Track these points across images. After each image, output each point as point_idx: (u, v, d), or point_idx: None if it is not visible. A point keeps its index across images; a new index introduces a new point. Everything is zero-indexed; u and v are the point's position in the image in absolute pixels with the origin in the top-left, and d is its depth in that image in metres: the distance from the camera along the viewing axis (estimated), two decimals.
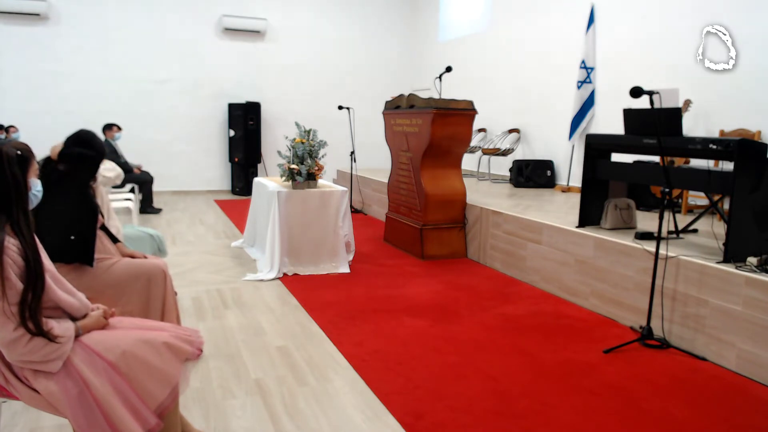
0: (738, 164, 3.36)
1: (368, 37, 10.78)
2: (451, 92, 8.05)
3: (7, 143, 1.76)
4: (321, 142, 5.08)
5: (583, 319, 3.93)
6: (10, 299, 1.65)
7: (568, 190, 6.97)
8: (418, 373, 3.01)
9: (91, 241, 2.73)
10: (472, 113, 5.42)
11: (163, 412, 1.87)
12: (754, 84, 4.99)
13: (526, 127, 8.04)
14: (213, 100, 9.94)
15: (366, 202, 8.28)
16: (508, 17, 8.36)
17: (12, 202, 1.71)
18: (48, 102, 8.93)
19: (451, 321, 3.82)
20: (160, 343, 1.91)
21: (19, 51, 8.80)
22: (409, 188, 5.75)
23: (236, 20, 9.73)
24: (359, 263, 5.28)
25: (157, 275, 2.88)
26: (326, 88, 10.44)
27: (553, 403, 2.71)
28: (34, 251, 1.71)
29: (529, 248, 4.79)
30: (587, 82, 6.73)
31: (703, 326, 3.31)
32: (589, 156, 4.35)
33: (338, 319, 3.81)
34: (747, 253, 3.32)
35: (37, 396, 1.76)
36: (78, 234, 2.67)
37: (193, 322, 3.69)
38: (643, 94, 3.28)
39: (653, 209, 5.43)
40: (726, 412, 2.68)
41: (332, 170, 9.70)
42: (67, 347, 1.76)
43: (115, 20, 9.22)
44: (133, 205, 6.28)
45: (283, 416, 2.57)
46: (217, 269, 5.02)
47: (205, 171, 10.10)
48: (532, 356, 3.26)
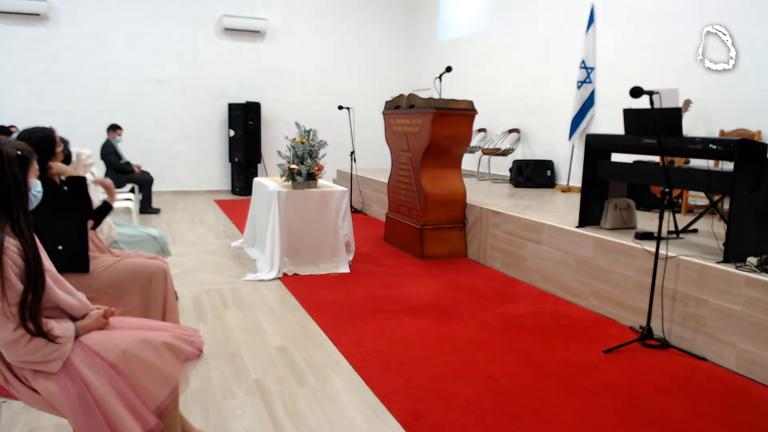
0: (738, 164, 3.35)
1: (368, 37, 10.78)
2: (451, 92, 8.06)
3: (7, 143, 1.76)
4: (321, 142, 5.08)
5: (583, 319, 3.93)
6: (10, 300, 1.65)
7: (568, 190, 6.97)
8: (418, 373, 3.01)
9: (83, 247, 2.71)
10: (472, 113, 5.42)
11: (163, 413, 1.87)
12: (754, 84, 4.99)
13: (526, 127, 8.04)
14: (213, 100, 9.94)
15: (366, 202, 8.28)
16: (508, 17, 8.36)
17: (12, 203, 1.71)
18: (48, 102, 8.93)
19: (451, 321, 3.82)
20: (160, 344, 1.91)
21: (19, 51, 8.80)
22: (409, 188, 5.75)
23: (236, 20, 9.74)
24: (359, 263, 5.28)
25: (158, 275, 2.88)
26: (326, 88, 10.44)
27: (552, 403, 2.71)
28: (35, 252, 1.71)
29: (529, 248, 4.79)
30: (587, 82, 6.73)
31: (703, 326, 3.31)
32: (589, 156, 4.35)
33: (338, 319, 3.81)
34: (747, 253, 3.32)
35: (37, 396, 1.76)
36: (66, 243, 2.65)
37: (193, 322, 3.69)
38: (643, 94, 3.28)
39: (653, 209, 5.43)
40: (726, 412, 2.68)
41: (332, 170, 9.70)
42: (67, 347, 1.76)
43: (115, 20, 9.22)
44: (133, 206, 6.28)
45: (283, 416, 2.57)
46: (217, 269, 5.02)
47: (205, 171, 10.10)
48: (532, 356, 3.26)
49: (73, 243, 2.67)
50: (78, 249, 2.68)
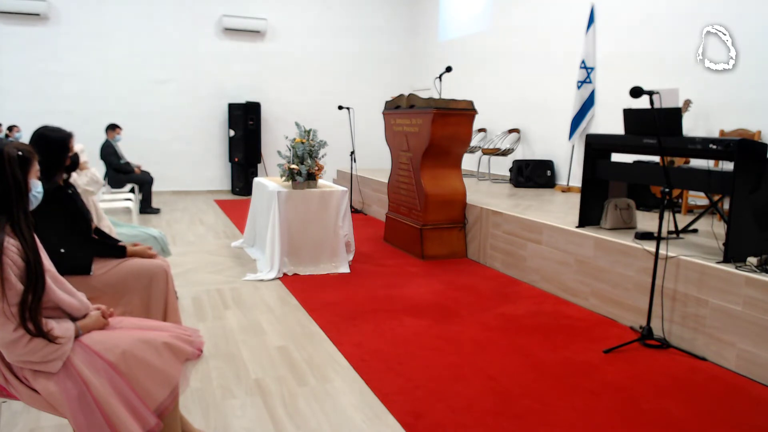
0: (738, 164, 3.35)
1: (368, 37, 10.78)
2: (451, 92, 8.06)
3: (8, 143, 1.75)
4: (321, 142, 5.08)
5: (583, 319, 3.93)
6: (10, 300, 1.65)
7: (568, 190, 6.97)
8: (418, 373, 3.01)
9: (88, 248, 2.71)
10: (472, 113, 5.42)
11: (163, 413, 1.87)
12: (754, 84, 4.99)
13: (526, 127, 8.04)
14: (213, 100, 9.94)
15: (366, 202, 8.28)
16: (508, 17, 8.36)
17: (12, 203, 1.71)
18: (48, 102, 8.93)
19: (451, 321, 3.82)
20: (160, 344, 1.91)
21: (19, 51, 8.81)
22: (409, 188, 5.75)
23: (236, 20, 9.74)
24: (359, 263, 5.28)
25: (159, 275, 2.87)
26: (326, 88, 10.43)
27: (553, 403, 2.71)
28: (35, 252, 1.71)
29: (529, 248, 4.79)
30: (587, 82, 6.73)
31: (703, 326, 3.31)
32: (589, 156, 4.35)
33: (338, 319, 3.81)
34: (747, 253, 3.32)
35: (37, 396, 1.76)
36: (69, 246, 2.65)
37: (193, 322, 3.69)
38: (643, 94, 3.28)
39: (653, 209, 5.43)
40: (726, 412, 2.68)
41: (332, 170, 9.70)
42: (67, 348, 1.76)
43: (115, 20, 9.22)
44: (133, 206, 6.28)
45: (283, 416, 2.57)
46: (217, 269, 5.02)
47: (205, 171, 10.10)
48: (532, 356, 3.26)
49: (75, 245, 2.67)
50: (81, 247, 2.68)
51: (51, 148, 2.59)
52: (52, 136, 2.64)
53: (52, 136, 2.63)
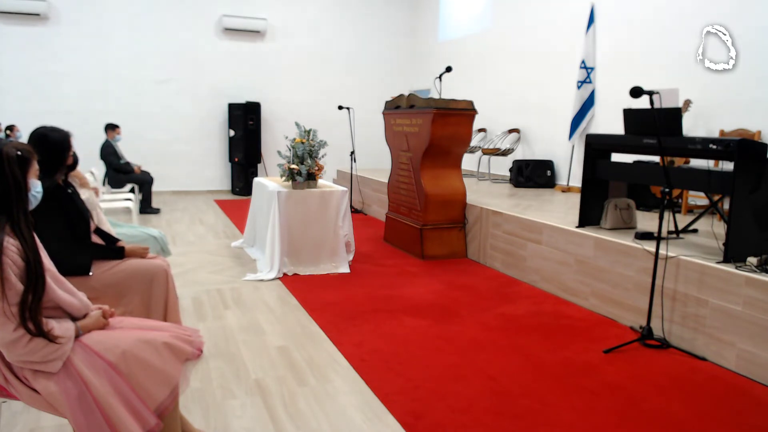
0: (738, 164, 3.36)
1: (368, 37, 10.78)
2: (451, 92, 8.05)
3: (8, 143, 1.75)
4: (321, 142, 5.08)
5: (583, 319, 3.93)
6: (10, 300, 1.65)
7: (568, 190, 6.97)
8: (418, 373, 3.01)
9: (87, 250, 2.71)
10: (472, 113, 5.42)
11: (163, 413, 1.87)
12: (754, 84, 4.99)
13: (526, 127, 8.04)
14: (213, 100, 9.94)
15: (366, 202, 8.28)
16: (508, 17, 8.37)
17: (12, 203, 1.71)
18: (48, 102, 8.93)
19: (451, 321, 3.82)
20: (160, 344, 1.91)
21: (19, 51, 8.80)
22: (409, 188, 5.75)
23: (236, 20, 9.74)
24: (359, 263, 5.28)
25: (159, 275, 2.87)
26: (326, 88, 10.43)
27: (552, 403, 2.71)
28: (35, 252, 1.71)
29: (529, 248, 4.79)
30: (587, 82, 6.73)
31: (703, 326, 3.31)
32: (589, 156, 4.35)
33: (338, 319, 3.81)
34: (747, 253, 3.32)
35: (37, 396, 1.76)
36: (68, 246, 2.64)
37: (193, 322, 3.69)
38: (643, 94, 3.28)
39: (653, 209, 5.43)
40: (726, 412, 2.68)
41: (332, 170, 9.71)
42: (67, 347, 1.76)
43: (115, 20, 9.22)
44: (133, 206, 6.28)
45: (283, 416, 2.57)
46: (217, 269, 5.02)
47: (205, 171, 10.10)
48: (532, 356, 3.26)
49: (75, 245, 2.67)
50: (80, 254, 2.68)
51: (50, 147, 2.60)
52: (52, 135, 2.65)
53: (52, 136, 2.64)
